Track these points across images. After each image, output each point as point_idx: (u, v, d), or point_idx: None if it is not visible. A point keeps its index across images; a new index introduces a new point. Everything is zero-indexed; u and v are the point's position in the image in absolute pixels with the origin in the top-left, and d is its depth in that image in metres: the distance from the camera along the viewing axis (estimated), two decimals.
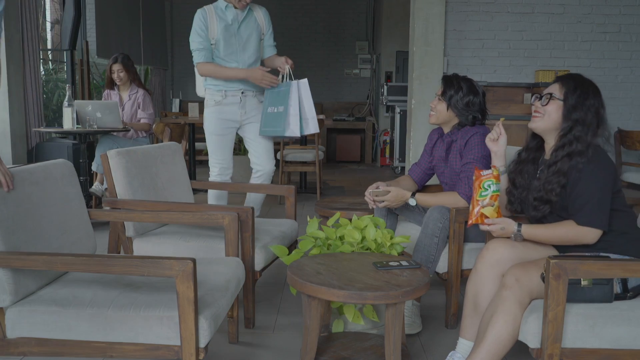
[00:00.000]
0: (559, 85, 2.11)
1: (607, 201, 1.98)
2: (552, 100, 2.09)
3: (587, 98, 2.05)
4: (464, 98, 2.71)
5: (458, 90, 2.72)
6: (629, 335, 1.80)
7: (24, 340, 1.78)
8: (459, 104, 2.71)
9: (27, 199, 1.89)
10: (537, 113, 2.12)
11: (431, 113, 2.81)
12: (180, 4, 9.95)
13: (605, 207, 1.97)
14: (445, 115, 2.75)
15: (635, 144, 4.48)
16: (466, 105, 2.71)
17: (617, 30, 4.82)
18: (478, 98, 2.73)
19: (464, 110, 2.72)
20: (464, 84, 2.74)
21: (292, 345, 2.45)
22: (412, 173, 3.00)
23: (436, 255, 2.57)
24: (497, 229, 2.10)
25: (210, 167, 3.63)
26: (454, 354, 2.16)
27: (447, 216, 2.54)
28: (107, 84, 5.12)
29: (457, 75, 2.81)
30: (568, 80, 2.10)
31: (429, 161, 2.95)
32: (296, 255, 2.40)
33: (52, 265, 1.77)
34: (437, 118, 2.79)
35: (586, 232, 1.98)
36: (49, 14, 8.89)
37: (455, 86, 2.73)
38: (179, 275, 1.66)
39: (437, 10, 4.61)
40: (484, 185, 2.11)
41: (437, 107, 2.77)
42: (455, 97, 2.71)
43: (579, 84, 2.08)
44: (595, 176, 1.97)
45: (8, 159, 4.77)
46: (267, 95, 3.57)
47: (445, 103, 2.73)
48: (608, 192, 1.98)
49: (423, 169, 2.97)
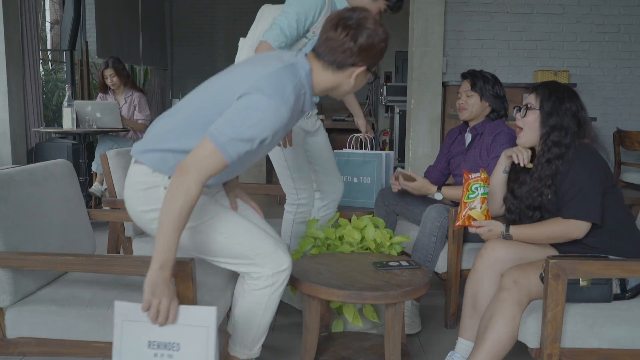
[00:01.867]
0: (534, 95, 2.14)
1: (595, 194, 1.96)
2: (530, 110, 2.12)
3: (562, 102, 2.07)
4: (494, 87, 2.75)
5: (487, 81, 2.76)
6: (628, 335, 1.80)
7: (24, 340, 1.78)
8: (490, 92, 2.74)
9: (26, 199, 1.89)
10: (518, 128, 2.16)
11: (463, 109, 2.79)
12: (180, 4, 9.93)
13: (593, 200, 1.96)
14: (479, 107, 2.75)
15: (634, 144, 4.48)
16: (497, 93, 2.75)
17: (617, 30, 4.82)
18: (500, 85, 2.78)
19: (496, 99, 2.75)
20: (487, 74, 2.79)
21: (292, 345, 2.45)
22: (428, 175, 2.98)
23: (434, 254, 2.58)
24: (484, 231, 2.11)
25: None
26: (454, 353, 2.17)
27: (445, 215, 2.54)
28: (100, 88, 5.10)
29: (476, 70, 2.85)
30: (543, 88, 2.13)
31: (445, 160, 2.94)
32: (296, 256, 2.41)
33: (52, 265, 1.77)
34: (470, 112, 2.77)
35: (572, 225, 1.98)
36: (48, 14, 8.89)
37: (482, 77, 2.76)
38: (178, 275, 1.66)
39: (436, 10, 4.61)
40: (471, 188, 2.12)
41: (470, 102, 2.76)
42: (486, 86, 2.74)
43: (553, 90, 2.10)
44: (580, 171, 1.98)
45: (8, 159, 4.77)
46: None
47: (478, 95, 2.74)
48: (595, 185, 1.97)
49: (440, 170, 2.96)
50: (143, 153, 1.77)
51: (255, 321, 1.81)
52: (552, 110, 2.07)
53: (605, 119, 4.83)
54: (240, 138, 1.61)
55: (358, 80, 1.80)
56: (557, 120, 2.05)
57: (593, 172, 1.98)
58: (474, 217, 2.11)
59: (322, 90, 1.82)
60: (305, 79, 1.74)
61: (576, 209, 1.97)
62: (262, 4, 3.23)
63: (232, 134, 1.60)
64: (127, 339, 1.57)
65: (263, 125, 1.62)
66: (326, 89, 1.82)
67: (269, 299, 1.78)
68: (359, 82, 1.81)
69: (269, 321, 1.84)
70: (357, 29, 1.71)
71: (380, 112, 9.13)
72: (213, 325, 1.55)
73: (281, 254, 1.79)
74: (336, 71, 1.76)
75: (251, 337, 1.84)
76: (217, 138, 1.60)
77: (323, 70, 1.77)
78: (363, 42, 1.71)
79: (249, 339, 1.84)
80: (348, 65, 1.75)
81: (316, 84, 1.79)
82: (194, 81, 4.92)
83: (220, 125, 1.62)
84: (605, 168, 2.04)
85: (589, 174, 1.98)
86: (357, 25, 1.71)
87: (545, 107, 2.08)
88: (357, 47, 1.71)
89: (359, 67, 1.76)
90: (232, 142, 1.60)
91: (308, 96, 1.78)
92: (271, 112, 1.62)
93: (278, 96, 1.63)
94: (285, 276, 1.78)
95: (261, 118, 1.62)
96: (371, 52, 1.74)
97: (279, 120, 1.64)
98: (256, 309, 1.79)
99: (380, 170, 3.29)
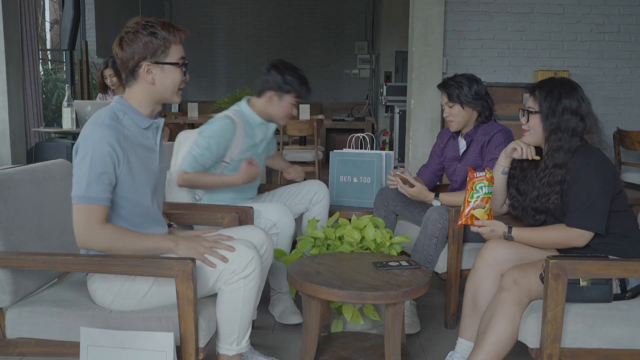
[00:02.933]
0: (532, 97, 2.11)
1: (602, 204, 1.95)
2: (531, 115, 2.10)
3: (559, 101, 2.04)
4: (470, 89, 2.68)
5: (460, 86, 2.69)
6: (628, 335, 1.80)
7: (24, 340, 1.78)
8: (469, 97, 2.67)
9: (26, 199, 1.89)
10: (524, 130, 2.14)
11: (450, 122, 2.74)
12: (180, 4, 9.94)
13: (599, 210, 1.95)
14: (464, 115, 2.70)
15: (634, 144, 4.48)
16: (475, 94, 2.68)
17: (617, 30, 4.82)
18: (478, 83, 2.71)
19: (478, 101, 2.68)
20: (459, 78, 2.72)
21: (292, 345, 2.45)
22: (420, 175, 2.98)
23: (434, 255, 2.57)
24: (486, 231, 2.11)
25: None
26: (453, 354, 2.17)
27: (446, 217, 2.54)
28: (100, 88, 5.10)
29: (447, 77, 2.79)
30: (540, 89, 2.09)
31: (439, 162, 2.92)
32: (295, 256, 2.41)
33: (52, 266, 1.77)
34: (458, 123, 2.72)
35: (575, 234, 1.97)
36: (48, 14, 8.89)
37: (455, 84, 2.70)
38: (179, 276, 1.66)
39: (436, 10, 4.60)
40: (475, 187, 2.11)
41: (453, 112, 2.71)
42: (462, 92, 2.68)
43: (549, 89, 2.07)
44: (589, 180, 1.96)
45: (7, 159, 4.77)
46: (337, 162, 3.33)
47: (458, 104, 2.69)
48: (604, 196, 1.95)
49: (432, 171, 2.95)
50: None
51: (236, 317, 1.85)
52: (549, 111, 2.04)
53: (605, 119, 4.82)
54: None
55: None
56: (555, 121, 2.03)
57: (603, 181, 1.96)
58: (476, 216, 2.11)
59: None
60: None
61: (581, 219, 1.96)
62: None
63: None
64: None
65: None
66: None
67: (245, 292, 1.82)
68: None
69: (250, 314, 1.88)
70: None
71: (380, 112, 9.12)
72: (170, 350, 1.67)
73: (243, 247, 1.83)
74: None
75: (236, 332, 1.87)
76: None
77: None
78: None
79: (235, 335, 1.88)
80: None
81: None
82: (194, 81, 4.93)
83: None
84: (614, 174, 2.01)
85: (598, 185, 1.95)
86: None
87: (543, 109, 2.06)
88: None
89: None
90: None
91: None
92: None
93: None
94: (253, 267, 1.81)
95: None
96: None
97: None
98: (235, 305, 1.83)
99: (380, 170, 3.28)
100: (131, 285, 1.79)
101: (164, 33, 1.82)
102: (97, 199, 1.70)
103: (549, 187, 2.05)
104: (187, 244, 1.79)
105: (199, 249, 1.78)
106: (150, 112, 1.87)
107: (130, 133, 1.79)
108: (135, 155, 1.79)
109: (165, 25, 1.83)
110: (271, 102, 2.72)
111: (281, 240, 2.54)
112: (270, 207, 2.58)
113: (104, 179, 1.70)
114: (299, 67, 2.80)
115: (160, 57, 1.82)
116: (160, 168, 1.96)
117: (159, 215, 1.96)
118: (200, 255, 1.77)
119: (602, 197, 1.95)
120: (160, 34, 1.81)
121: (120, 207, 1.79)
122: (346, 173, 3.36)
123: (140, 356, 1.68)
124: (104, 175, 1.70)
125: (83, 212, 1.69)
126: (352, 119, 9.48)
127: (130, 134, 1.79)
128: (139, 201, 1.83)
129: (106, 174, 1.71)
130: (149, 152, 1.87)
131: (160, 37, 1.81)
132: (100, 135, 1.71)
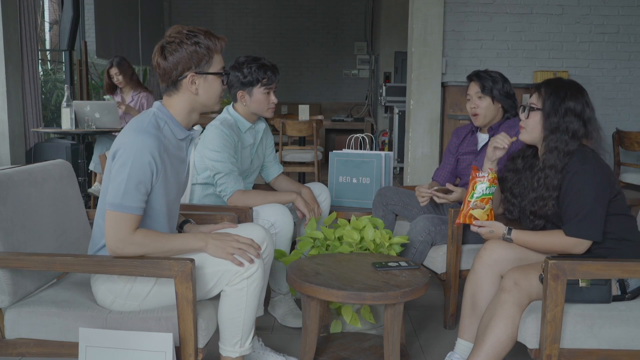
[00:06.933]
0: (537, 94, 2.08)
1: (599, 211, 1.93)
2: (532, 112, 2.07)
3: (563, 101, 2.01)
4: (504, 86, 2.63)
5: (496, 81, 2.63)
6: (627, 336, 1.80)
7: (23, 341, 1.78)
8: (502, 92, 2.62)
9: (25, 199, 1.88)
10: (521, 126, 2.12)
11: (475, 115, 2.67)
12: (179, 4, 9.94)
13: (596, 218, 1.93)
14: (492, 110, 2.64)
15: (633, 145, 4.48)
16: (507, 93, 2.63)
17: (616, 31, 4.82)
18: (509, 83, 2.66)
19: (507, 99, 2.63)
20: (494, 73, 2.67)
21: (291, 345, 2.45)
22: (436, 178, 2.94)
23: (419, 247, 2.56)
24: (485, 232, 2.10)
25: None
26: (453, 354, 2.17)
27: (430, 230, 2.53)
28: (108, 89, 5.14)
29: (478, 69, 2.73)
30: (546, 87, 2.06)
31: (454, 159, 2.87)
32: (295, 257, 2.41)
33: (51, 266, 1.77)
34: (484, 117, 2.66)
35: (574, 243, 1.96)
36: (47, 14, 8.88)
37: (490, 77, 2.65)
38: (178, 276, 1.66)
39: (435, 10, 4.61)
40: (476, 187, 2.11)
41: (481, 105, 2.64)
42: (496, 86, 2.62)
43: (555, 89, 2.04)
44: (585, 187, 1.94)
45: (6, 160, 4.77)
46: (337, 163, 3.35)
47: (489, 97, 2.63)
48: (600, 201, 1.94)
49: (448, 171, 2.90)
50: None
51: (239, 318, 1.84)
52: (551, 111, 2.01)
53: (605, 119, 4.83)
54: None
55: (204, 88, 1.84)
56: (556, 122, 2.00)
57: (599, 187, 1.93)
58: (476, 216, 2.10)
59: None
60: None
61: (578, 228, 1.94)
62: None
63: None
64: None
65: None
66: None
67: (248, 293, 1.81)
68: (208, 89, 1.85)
69: (253, 315, 1.87)
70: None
71: (380, 112, 9.13)
72: (170, 350, 1.67)
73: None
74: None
75: (239, 334, 1.87)
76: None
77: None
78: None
79: (238, 337, 1.87)
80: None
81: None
82: None
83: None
84: (611, 178, 1.99)
85: (594, 193, 1.93)
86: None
87: (546, 108, 2.03)
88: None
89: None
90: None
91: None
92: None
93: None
94: (256, 267, 1.80)
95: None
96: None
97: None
98: (238, 306, 1.83)
99: (379, 170, 3.28)
100: (132, 285, 1.79)
101: (207, 42, 1.79)
102: (132, 208, 1.70)
103: (546, 191, 2.02)
104: (217, 243, 1.78)
105: (228, 249, 1.77)
106: (187, 123, 1.88)
107: (169, 144, 1.80)
108: (170, 166, 1.80)
109: (207, 34, 1.80)
110: (245, 101, 2.71)
111: (280, 241, 2.54)
112: (269, 207, 2.58)
113: (141, 189, 1.71)
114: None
115: (205, 67, 1.81)
116: (186, 180, 1.98)
117: (174, 224, 1.98)
118: (230, 255, 1.77)
119: (598, 205, 1.93)
120: (204, 43, 1.79)
121: (147, 214, 1.79)
122: (345, 173, 3.36)
123: (139, 357, 1.68)
124: (141, 184, 1.70)
125: (115, 220, 1.70)
126: (352, 119, 9.49)
127: (169, 145, 1.79)
128: (164, 212, 1.83)
129: (143, 184, 1.71)
130: (181, 164, 1.88)
131: (204, 46, 1.79)
132: (143, 143, 1.70)
